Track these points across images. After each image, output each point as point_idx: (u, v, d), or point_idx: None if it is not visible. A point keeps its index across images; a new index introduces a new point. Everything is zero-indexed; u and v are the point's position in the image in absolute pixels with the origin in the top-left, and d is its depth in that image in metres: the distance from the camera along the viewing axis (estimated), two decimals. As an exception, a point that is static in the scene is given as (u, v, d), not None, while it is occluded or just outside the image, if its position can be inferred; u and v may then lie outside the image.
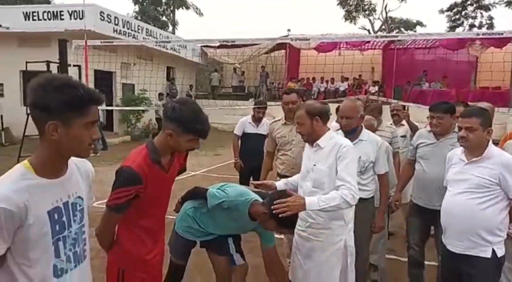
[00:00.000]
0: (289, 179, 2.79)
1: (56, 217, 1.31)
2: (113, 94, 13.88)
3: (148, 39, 14.06)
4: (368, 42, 17.24)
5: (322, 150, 2.38)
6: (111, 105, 12.55)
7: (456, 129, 2.94)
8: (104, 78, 12.78)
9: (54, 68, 8.43)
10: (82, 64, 6.48)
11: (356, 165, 2.41)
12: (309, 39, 9.70)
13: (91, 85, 7.21)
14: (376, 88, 16.94)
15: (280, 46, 18.62)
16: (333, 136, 2.43)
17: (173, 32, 28.61)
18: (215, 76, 19.81)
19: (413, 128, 4.34)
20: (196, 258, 2.97)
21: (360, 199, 2.38)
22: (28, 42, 12.41)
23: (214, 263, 2.66)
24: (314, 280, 2.39)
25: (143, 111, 13.58)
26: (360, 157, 2.62)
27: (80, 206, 1.42)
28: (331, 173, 2.32)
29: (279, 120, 3.66)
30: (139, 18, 28.38)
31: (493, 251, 2.22)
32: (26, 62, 6.66)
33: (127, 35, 12.91)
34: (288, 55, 18.29)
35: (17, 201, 1.20)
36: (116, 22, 12.44)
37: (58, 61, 5.56)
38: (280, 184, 2.69)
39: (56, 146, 1.27)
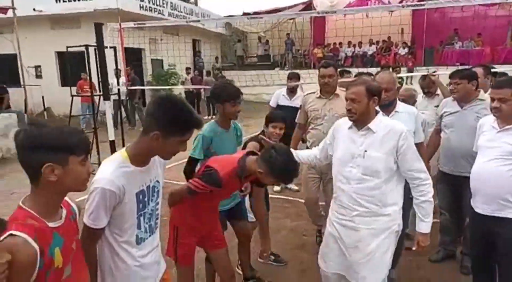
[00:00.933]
0: (298, 151, 2.73)
1: (140, 197, 1.67)
2: (143, 71, 14.27)
3: (174, 12, 14.17)
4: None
5: (374, 135, 2.19)
6: (142, 81, 12.94)
7: (481, 96, 3.12)
8: (134, 55, 13.13)
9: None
10: (117, 46, 6.72)
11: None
12: (335, 12, 9.36)
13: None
14: (406, 50, 16.46)
15: (304, 10, 18.32)
16: (382, 119, 2.26)
17: (196, 3, 28.41)
18: (239, 46, 19.80)
19: (446, 94, 4.16)
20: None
21: None
22: (59, 24, 12.86)
23: (239, 228, 2.98)
24: (365, 269, 2.24)
25: (173, 85, 13.94)
26: None
27: (157, 188, 1.77)
28: (388, 160, 2.16)
29: (313, 93, 3.60)
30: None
31: None
32: (67, 47, 6.95)
33: (153, 11, 13.08)
34: (313, 20, 17.93)
35: (118, 184, 1.54)
36: (142, -1, 12.62)
37: (95, 44, 5.85)
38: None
39: (155, 148, 1.61)
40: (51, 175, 1.24)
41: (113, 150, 6.50)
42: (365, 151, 2.19)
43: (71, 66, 11.69)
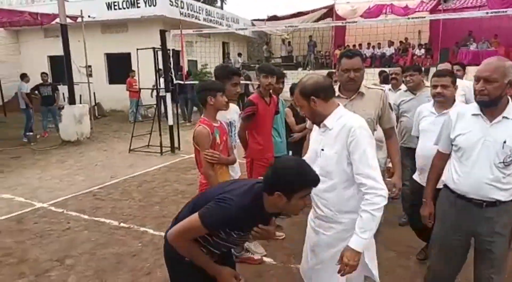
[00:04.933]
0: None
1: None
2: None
3: (208, 18, 15.63)
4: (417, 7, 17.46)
5: (330, 132, 1.97)
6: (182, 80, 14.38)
7: (427, 84, 3.76)
8: (175, 56, 14.60)
9: (140, 52, 10.28)
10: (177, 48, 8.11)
11: (375, 149, 1.97)
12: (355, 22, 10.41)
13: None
14: (423, 51, 17.43)
15: (326, 15, 19.49)
16: (342, 114, 1.99)
17: (221, 7, 30.01)
18: (265, 48, 21.08)
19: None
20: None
21: (500, 202, 2.05)
22: (109, 29, 14.48)
23: None
24: (317, 279, 2.09)
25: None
26: (505, 142, 1.98)
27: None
28: (340, 160, 1.92)
29: None
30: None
31: None
32: (137, 50, 8.30)
33: (190, 16, 14.56)
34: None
35: None
36: (182, 6, 14.13)
37: (160, 47, 7.32)
38: None
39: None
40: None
41: (171, 133, 7.96)
42: (322, 150, 2.00)
43: (117, 67, 13.20)
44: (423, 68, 4.28)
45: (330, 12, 19.21)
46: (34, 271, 3.45)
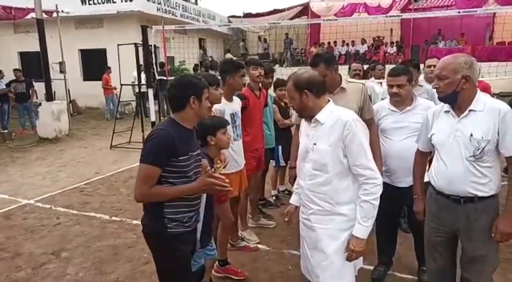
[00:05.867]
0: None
1: None
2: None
3: (185, 14, 15.57)
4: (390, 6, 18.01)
5: (323, 126, 2.00)
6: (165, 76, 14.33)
7: (420, 82, 3.53)
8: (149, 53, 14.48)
9: (119, 48, 10.16)
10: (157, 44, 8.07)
11: (369, 141, 2.04)
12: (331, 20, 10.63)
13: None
14: (395, 49, 18.04)
15: (301, 13, 19.79)
16: (333, 109, 2.04)
17: (196, 3, 29.72)
18: (241, 45, 21.18)
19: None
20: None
21: (479, 198, 2.04)
22: (83, 24, 14.17)
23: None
24: (326, 274, 2.06)
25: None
26: (471, 135, 2.01)
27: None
28: (335, 152, 1.95)
29: None
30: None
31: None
32: (118, 45, 8.21)
33: (167, 12, 14.44)
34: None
35: None
36: (159, 2, 14.00)
37: (141, 43, 7.30)
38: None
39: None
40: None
41: (154, 129, 7.94)
42: (314, 144, 2.02)
43: (92, 63, 12.89)
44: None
45: (305, 9, 19.52)
46: (30, 264, 3.47)
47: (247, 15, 20.90)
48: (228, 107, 3.11)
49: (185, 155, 1.93)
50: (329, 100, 2.09)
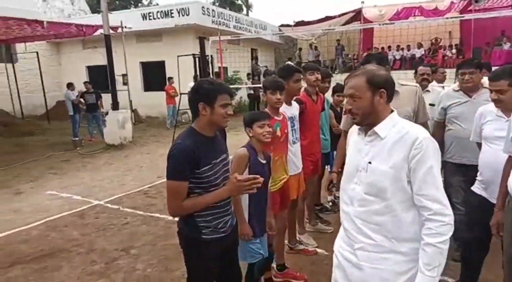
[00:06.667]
0: None
1: None
2: (210, 77, 16.21)
3: (238, 25, 16.04)
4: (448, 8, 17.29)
5: (382, 141, 1.61)
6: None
7: (485, 85, 3.02)
8: (206, 63, 15.10)
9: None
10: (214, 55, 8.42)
11: (440, 168, 1.62)
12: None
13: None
14: (454, 51, 17.19)
15: (353, 19, 19.55)
16: (397, 121, 1.65)
17: (247, 14, 30.55)
18: (297, 54, 21.26)
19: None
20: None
21: None
22: (144, 38, 15.09)
23: None
24: None
25: (236, 90, 15.71)
26: None
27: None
28: (397, 176, 1.56)
29: None
30: (217, 3, 30.71)
31: None
32: (178, 56, 8.71)
33: (221, 24, 14.97)
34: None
35: None
36: (214, 15, 14.58)
37: (199, 54, 7.67)
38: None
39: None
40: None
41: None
42: (369, 163, 1.63)
43: (152, 75, 13.58)
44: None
45: (357, 15, 19.25)
46: (103, 260, 3.76)
47: (298, 24, 21.02)
48: (288, 111, 3.19)
49: (207, 164, 1.93)
50: (392, 110, 1.69)
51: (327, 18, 20.16)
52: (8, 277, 3.50)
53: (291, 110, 3.28)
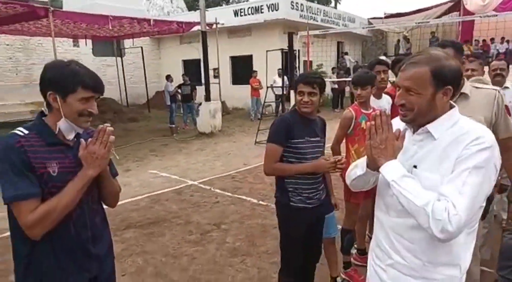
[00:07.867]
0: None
1: None
2: (297, 70, 16.47)
3: (325, 18, 16.03)
4: None
5: (434, 142, 1.34)
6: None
7: None
8: (294, 57, 15.43)
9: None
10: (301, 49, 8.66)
11: (488, 183, 1.26)
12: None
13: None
14: None
15: (451, 9, 18.16)
16: (457, 119, 1.35)
17: (335, 7, 30.08)
18: (395, 45, 20.41)
19: None
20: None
21: None
22: (234, 33, 15.89)
23: None
24: None
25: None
26: None
27: None
28: None
29: None
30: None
31: None
32: (267, 51, 9.17)
33: (309, 18, 15.11)
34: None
35: None
36: (302, 9, 14.80)
37: (287, 48, 7.98)
38: None
39: None
40: None
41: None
42: (414, 167, 1.36)
43: (240, 68, 14.22)
44: None
45: (456, 6, 17.86)
46: (198, 231, 4.32)
47: (389, 16, 20.17)
48: (375, 104, 3.25)
49: (301, 138, 2.31)
50: (452, 106, 1.38)
51: (421, 10, 19.04)
52: (123, 237, 4.22)
53: (379, 103, 3.35)
